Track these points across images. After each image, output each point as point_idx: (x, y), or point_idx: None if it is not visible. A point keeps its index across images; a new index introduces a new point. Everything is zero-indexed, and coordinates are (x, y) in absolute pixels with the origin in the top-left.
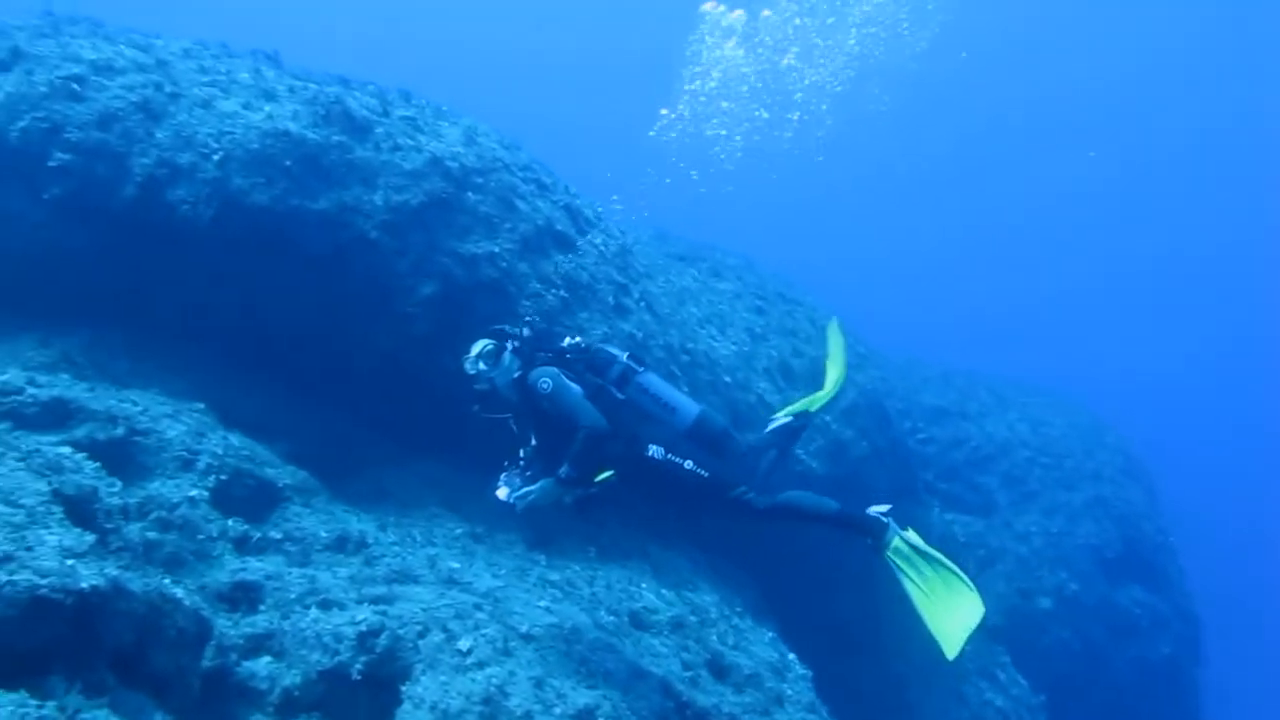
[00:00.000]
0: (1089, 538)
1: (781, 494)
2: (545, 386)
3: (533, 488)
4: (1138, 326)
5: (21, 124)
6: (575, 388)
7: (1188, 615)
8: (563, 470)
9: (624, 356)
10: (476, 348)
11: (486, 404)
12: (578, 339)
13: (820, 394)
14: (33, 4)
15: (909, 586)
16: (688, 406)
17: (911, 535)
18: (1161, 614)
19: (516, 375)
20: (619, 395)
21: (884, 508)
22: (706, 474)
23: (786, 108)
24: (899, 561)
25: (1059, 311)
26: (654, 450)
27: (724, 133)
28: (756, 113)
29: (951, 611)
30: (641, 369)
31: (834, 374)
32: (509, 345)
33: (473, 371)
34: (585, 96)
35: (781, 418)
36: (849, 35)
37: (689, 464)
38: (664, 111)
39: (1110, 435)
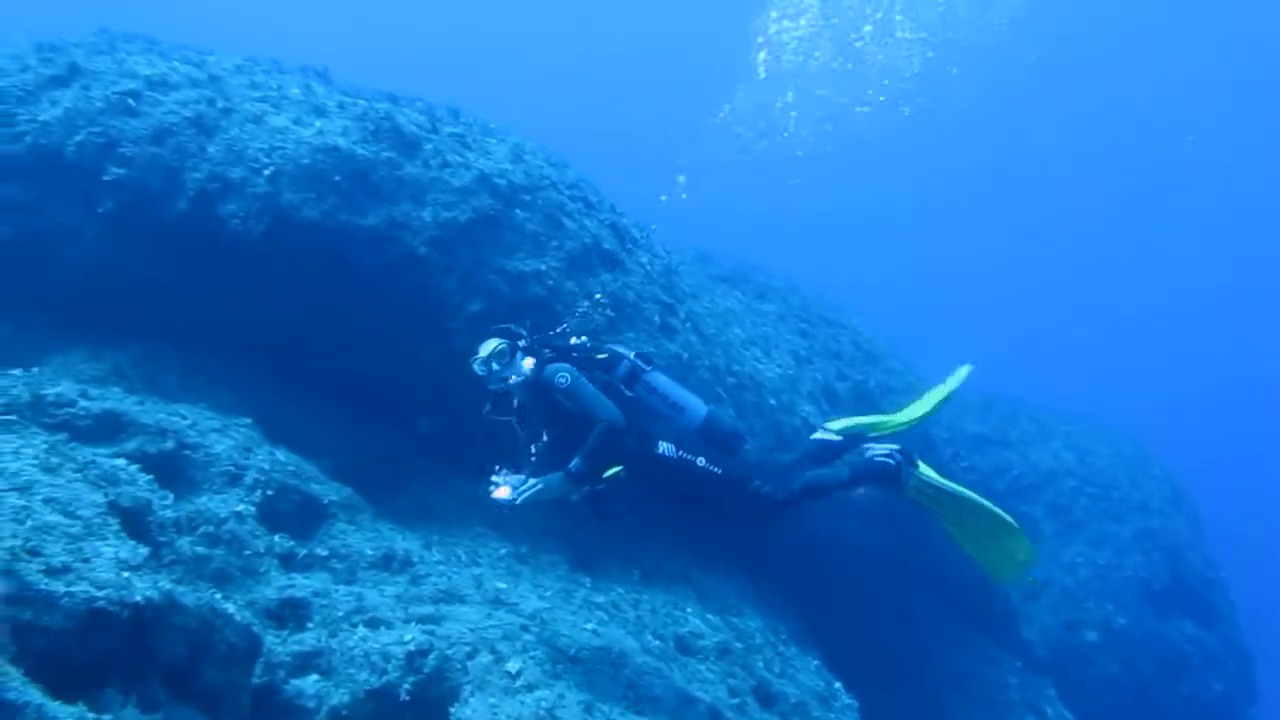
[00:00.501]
0: (1137, 570)
1: (796, 480)
2: (563, 381)
3: (537, 480)
4: (1180, 349)
5: (78, 138)
6: (589, 383)
7: (1240, 651)
8: (574, 464)
9: (631, 355)
10: (487, 348)
11: (499, 405)
12: (584, 338)
13: (887, 420)
14: (89, 22)
15: (941, 522)
16: (696, 406)
17: (925, 471)
18: (1212, 650)
19: (529, 373)
20: (627, 393)
21: (887, 447)
22: (719, 470)
23: (860, 89)
24: (923, 500)
25: (1095, 334)
26: (664, 447)
27: (794, 114)
28: (842, 100)
29: (996, 542)
30: (649, 368)
31: (917, 413)
32: (519, 344)
33: (483, 372)
34: (634, 93)
35: (830, 433)
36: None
37: (701, 461)
38: (735, 95)
39: (1156, 465)
